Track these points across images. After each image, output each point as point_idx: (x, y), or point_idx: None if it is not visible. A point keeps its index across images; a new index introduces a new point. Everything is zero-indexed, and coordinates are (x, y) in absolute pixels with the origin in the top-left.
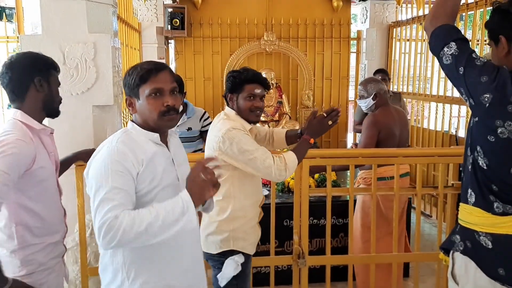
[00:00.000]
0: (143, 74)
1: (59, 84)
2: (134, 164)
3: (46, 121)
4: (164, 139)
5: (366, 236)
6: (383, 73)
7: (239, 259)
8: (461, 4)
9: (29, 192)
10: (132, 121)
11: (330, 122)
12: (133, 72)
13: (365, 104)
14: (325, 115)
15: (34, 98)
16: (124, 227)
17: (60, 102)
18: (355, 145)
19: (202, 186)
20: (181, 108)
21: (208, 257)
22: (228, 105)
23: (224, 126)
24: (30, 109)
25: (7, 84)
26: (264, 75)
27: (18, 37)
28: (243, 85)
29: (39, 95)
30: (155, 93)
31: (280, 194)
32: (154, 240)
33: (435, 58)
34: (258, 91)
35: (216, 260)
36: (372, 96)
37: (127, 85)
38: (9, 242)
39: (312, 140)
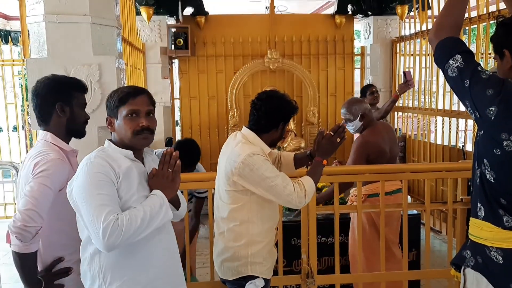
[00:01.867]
0: (123, 97)
1: (85, 104)
2: (114, 175)
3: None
4: (139, 156)
5: (366, 253)
6: (376, 87)
7: (260, 283)
8: (464, 18)
9: (60, 211)
10: (110, 140)
11: (338, 140)
12: (114, 95)
13: (353, 126)
14: (332, 133)
15: (58, 122)
16: (125, 226)
17: (86, 122)
18: (339, 162)
19: (168, 179)
20: None
21: (224, 282)
22: (264, 130)
23: (244, 151)
24: (56, 131)
25: (34, 110)
26: None
27: (23, 60)
28: (292, 114)
29: (62, 120)
30: (132, 114)
31: (287, 212)
32: (146, 233)
33: (440, 72)
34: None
35: (234, 284)
36: (358, 118)
37: (108, 106)
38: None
39: (325, 161)
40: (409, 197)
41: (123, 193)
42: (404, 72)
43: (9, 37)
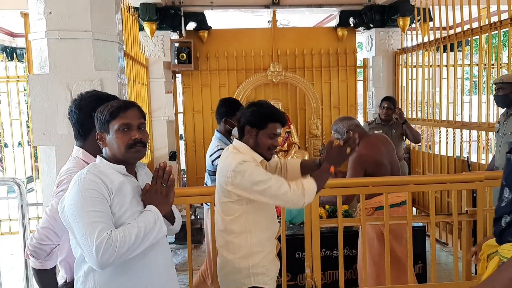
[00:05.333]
0: (113, 111)
1: None
2: (106, 191)
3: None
4: (131, 171)
5: (376, 269)
6: (388, 101)
7: None
8: (465, 29)
9: None
10: (101, 156)
11: (348, 150)
12: (104, 110)
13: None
14: (343, 143)
15: (95, 139)
16: (118, 243)
17: None
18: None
19: (162, 195)
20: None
21: None
22: (241, 136)
23: (234, 160)
24: (91, 149)
25: (74, 123)
26: None
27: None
28: (267, 123)
29: None
30: (124, 128)
31: (291, 226)
32: (140, 250)
33: (443, 83)
34: (279, 130)
35: None
36: (346, 135)
37: (98, 122)
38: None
39: (332, 169)
40: (414, 209)
41: (116, 209)
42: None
43: (15, 53)
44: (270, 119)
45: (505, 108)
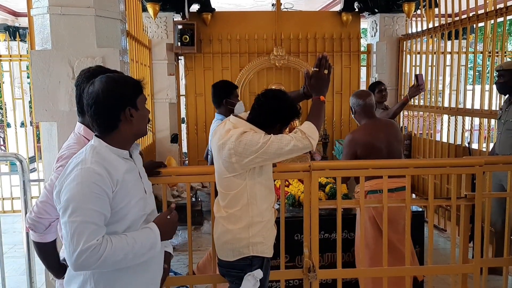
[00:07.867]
0: (139, 85)
1: None
2: (110, 185)
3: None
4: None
5: (371, 254)
6: (383, 84)
7: (258, 275)
8: (471, 15)
9: None
10: (97, 136)
11: (325, 72)
12: (126, 84)
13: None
14: (317, 68)
15: None
16: (105, 255)
17: None
18: None
19: (172, 227)
20: None
21: (224, 265)
22: (260, 126)
23: (235, 132)
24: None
25: (76, 100)
26: None
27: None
28: (290, 121)
29: None
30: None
31: (290, 208)
32: (125, 266)
33: (447, 70)
34: None
35: (234, 266)
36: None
37: (121, 96)
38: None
39: (322, 98)
40: (413, 195)
41: (119, 200)
42: (416, 75)
43: (17, 33)
44: (294, 116)
45: (507, 95)
